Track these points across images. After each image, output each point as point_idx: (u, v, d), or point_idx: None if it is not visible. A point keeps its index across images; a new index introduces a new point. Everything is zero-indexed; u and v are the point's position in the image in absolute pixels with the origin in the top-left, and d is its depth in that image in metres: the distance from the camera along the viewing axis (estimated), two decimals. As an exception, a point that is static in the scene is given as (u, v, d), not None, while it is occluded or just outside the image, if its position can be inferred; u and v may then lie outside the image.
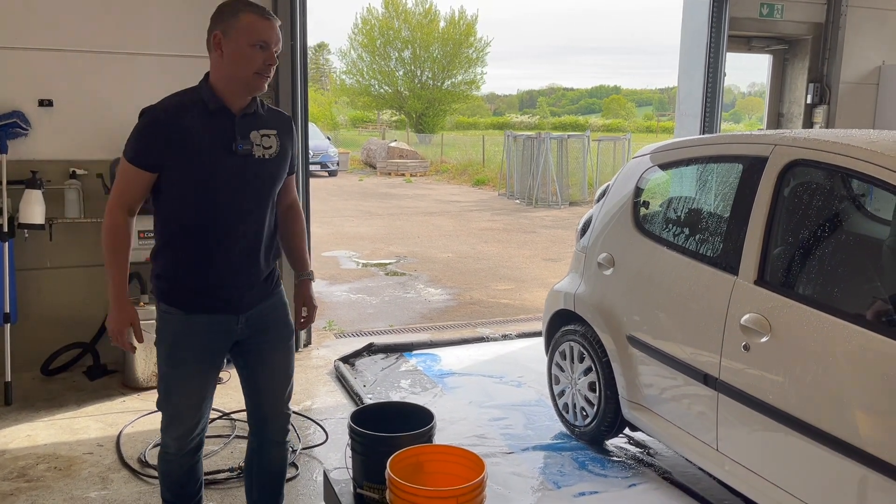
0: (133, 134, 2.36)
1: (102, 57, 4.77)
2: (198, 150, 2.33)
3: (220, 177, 2.37)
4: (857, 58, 7.07)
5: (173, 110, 2.35)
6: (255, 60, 2.32)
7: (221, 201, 2.39)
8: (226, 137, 2.37)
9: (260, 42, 2.32)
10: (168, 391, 2.57)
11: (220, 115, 2.38)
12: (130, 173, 2.36)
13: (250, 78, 2.34)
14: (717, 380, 3.01)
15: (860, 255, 2.88)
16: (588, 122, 47.05)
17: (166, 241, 2.47)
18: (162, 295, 2.50)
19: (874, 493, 2.43)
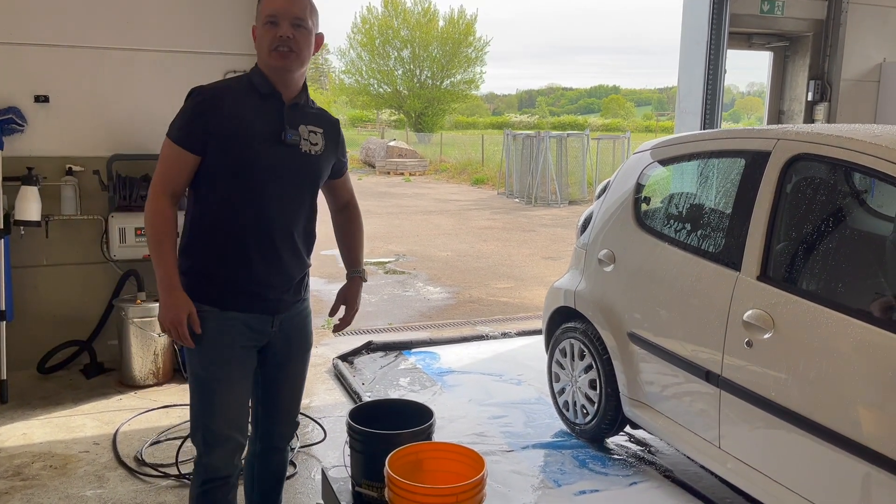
0: (180, 114, 2.27)
1: (100, 53, 4.74)
2: (246, 134, 2.25)
3: (266, 165, 2.28)
4: (858, 55, 7.04)
5: (224, 92, 2.29)
6: (268, 37, 2.27)
7: (264, 191, 2.29)
8: (275, 125, 2.30)
9: (269, 18, 2.26)
10: (211, 399, 2.36)
11: (270, 101, 2.31)
12: (175, 154, 2.25)
13: (268, 57, 2.28)
14: (720, 377, 2.98)
15: (864, 251, 2.85)
16: (587, 122, 47.06)
17: (201, 233, 2.32)
18: (193, 293, 2.30)
19: (878, 489, 2.41)
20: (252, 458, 2.71)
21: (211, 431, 2.37)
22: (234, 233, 2.30)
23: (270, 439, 2.65)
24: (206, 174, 2.28)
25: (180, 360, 4.75)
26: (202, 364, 2.35)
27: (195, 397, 2.39)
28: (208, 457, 2.40)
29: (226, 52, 4.97)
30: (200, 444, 2.41)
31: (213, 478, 2.42)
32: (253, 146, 2.26)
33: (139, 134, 4.87)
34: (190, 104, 2.27)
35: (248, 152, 2.26)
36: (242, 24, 4.98)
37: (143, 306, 4.57)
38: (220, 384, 2.35)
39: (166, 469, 3.51)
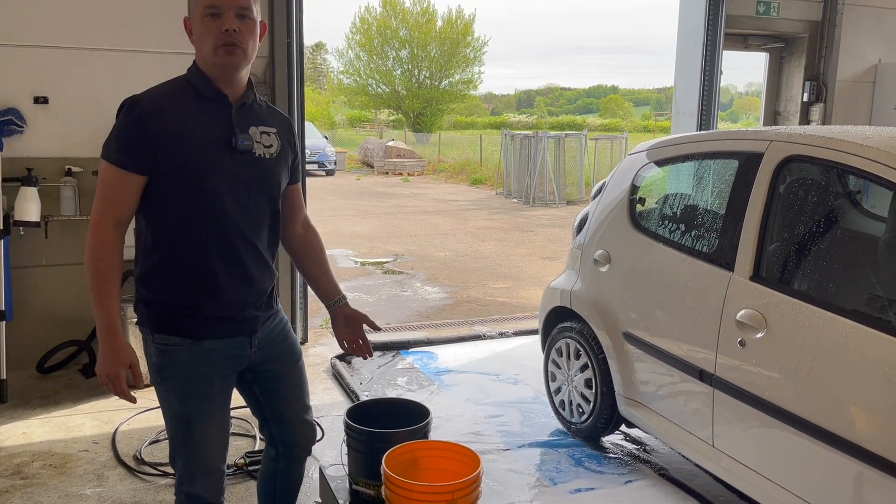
0: (116, 131, 2.02)
1: (99, 54, 4.76)
2: (194, 145, 2.02)
3: (221, 177, 2.06)
4: (854, 56, 7.08)
5: (162, 100, 2.04)
6: (209, 31, 2.02)
7: (222, 206, 2.07)
8: (224, 130, 2.07)
9: (210, 9, 2.01)
10: (192, 433, 2.16)
11: (215, 104, 2.09)
12: (116, 177, 2.00)
13: (211, 54, 2.03)
14: (713, 376, 3.01)
15: (855, 251, 2.88)
16: (585, 122, 47.09)
17: (159, 259, 2.09)
18: (158, 325, 2.11)
19: (870, 488, 2.43)
20: (273, 475, 2.55)
21: (194, 464, 2.20)
22: (195, 255, 2.08)
23: (292, 449, 2.49)
24: (154, 195, 2.05)
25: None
26: (180, 401, 2.15)
27: (174, 431, 2.19)
28: (191, 486, 2.22)
29: (224, 53, 4.99)
30: (182, 475, 2.23)
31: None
32: (203, 158, 2.04)
33: (138, 135, 4.89)
34: (127, 119, 2.02)
35: (199, 165, 2.04)
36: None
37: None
38: (202, 418, 2.17)
39: (165, 468, 3.53)
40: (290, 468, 2.55)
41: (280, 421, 2.44)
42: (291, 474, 2.58)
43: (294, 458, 2.53)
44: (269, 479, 2.57)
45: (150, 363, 2.18)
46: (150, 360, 2.19)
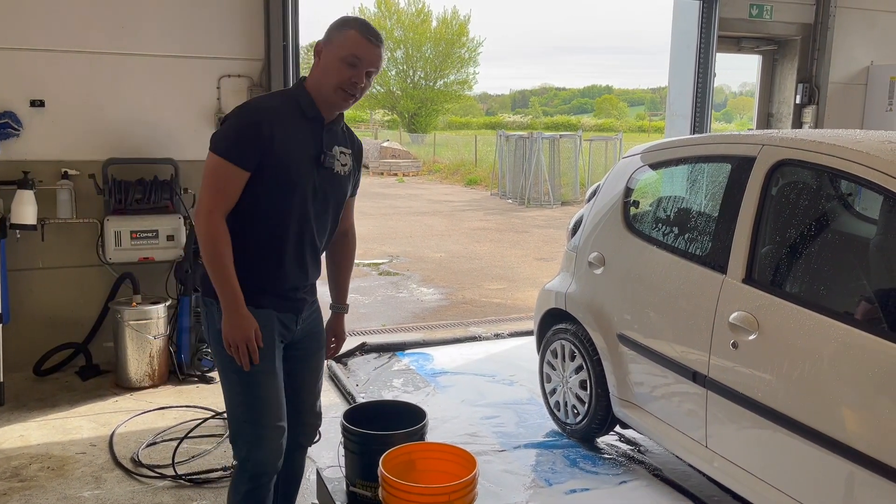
0: (229, 130, 2.27)
1: (95, 57, 4.77)
2: (292, 155, 2.30)
3: (308, 185, 2.35)
4: (846, 58, 7.12)
5: (274, 114, 2.29)
6: (341, 74, 2.29)
7: (304, 210, 2.37)
8: (315, 148, 2.37)
9: (352, 58, 2.28)
10: (257, 393, 2.36)
11: (312, 123, 2.37)
12: (228, 172, 2.24)
13: (331, 91, 2.31)
14: (706, 377, 3.04)
15: (847, 254, 2.92)
16: (580, 122, 47.14)
17: (239, 243, 2.31)
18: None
19: (861, 488, 2.47)
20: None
21: (261, 425, 2.37)
22: (273, 246, 2.36)
23: (296, 437, 2.65)
24: (249, 190, 2.30)
25: (176, 361, 4.79)
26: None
27: (239, 396, 2.38)
28: (260, 451, 2.39)
29: (220, 56, 5.02)
30: (249, 441, 2.39)
31: (261, 473, 2.42)
32: (297, 167, 2.32)
33: (134, 138, 4.91)
34: (242, 122, 2.27)
35: (293, 174, 2.31)
36: (236, 28, 5.03)
37: (139, 309, 4.61)
38: (264, 376, 2.37)
39: (163, 470, 3.55)
40: (293, 452, 2.66)
41: (296, 402, 2.59)
42: (292, 463, 2.70)
43: (297, 445, 2.67)
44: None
45: (214, 331, 2.38)
46: (213, 328, 2.39)
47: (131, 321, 4.58)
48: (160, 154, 4.93)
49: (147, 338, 4.60)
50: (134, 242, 4.70)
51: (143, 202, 4.78)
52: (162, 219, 4.77)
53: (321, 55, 2.33)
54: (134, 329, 4.58)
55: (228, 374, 2.40)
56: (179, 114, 5.00)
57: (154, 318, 4.64)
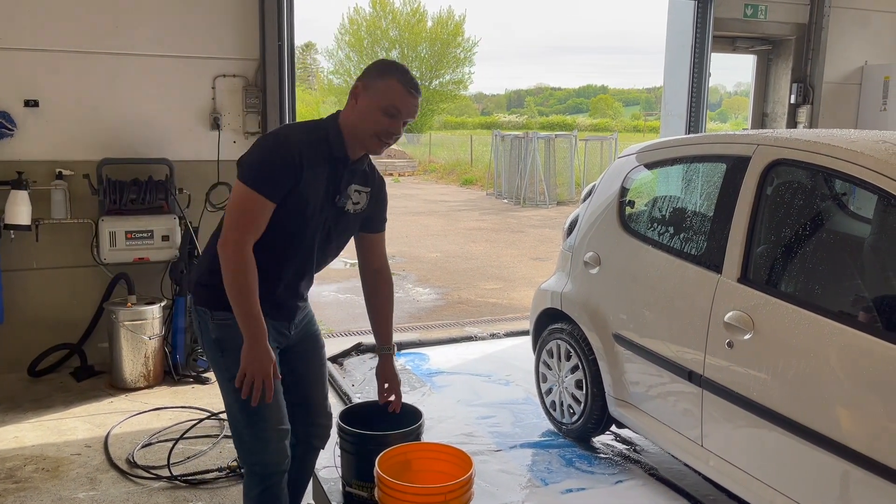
0: (263, 163, 2.26)
1: (89, 57, 4.76)
2: (313, 190, 2.33)
3: (319, 219, 2.39)
4: (840, 58, 7.14)
5: (304, 147, 2.30)
6: (379, 123, 2.31)
7: (310, 243, 2.42)
8: (334, 187, 2.40)
9: (392, 108, 2.30)
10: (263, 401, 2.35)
11: (338, 163, 2.38)
12: (259, 204, 2.24)
13: (368, 137, 2.34)
14: (702, 377, 3.04)
15: (841, 254, 2.93)
16: (576, 122, 47.19)
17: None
18: (220, 304, 2.34)
19: (856, 487, 2.48)
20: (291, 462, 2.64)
21: (262, 429, 2.39)
22: (273, 268, 2.39)
23: (309, 439, 2.70)
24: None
25: (171, 362, 4.78)
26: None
27: (237, 403, 2.37)
28: (264, 454, 2.41)
29: (215, 56, 5.01)
30: (252, 446, 2.41)
31: (272, 472, 2.44)
32: (314, 206, 2.35)
33: (129, 138, 4.90)
34: (276, 156, 2.26)
35: (308, 211, 2.35)
36: (231, 28, 5.02)
37: (134, 309, 4.60)
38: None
39: (158, 471, 3.54)
40: (305, 455, 2.71)
41: (305, 404, 2.65)
42: (305, 464, 2.74)
43: (311, 447, 2.72)
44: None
45: (208, 340, 2.42)
46: (207, 337, 2.43)
47: (126, 322, 4.56)
48: (155, 154, 4.92)
49: (142, 338, 4.59)
50: (129, 243, 4.69)
51: (138, 202, 4.76)
52: (157, 219, 4.76)
53: (359, 98, 2.33)
54: (129, 330, 4.56)
55: (225, 382, 2.41)
56: (174, 114, 4.99)
57: (149, 318, 4.63)
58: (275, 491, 2.47)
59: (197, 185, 5.00)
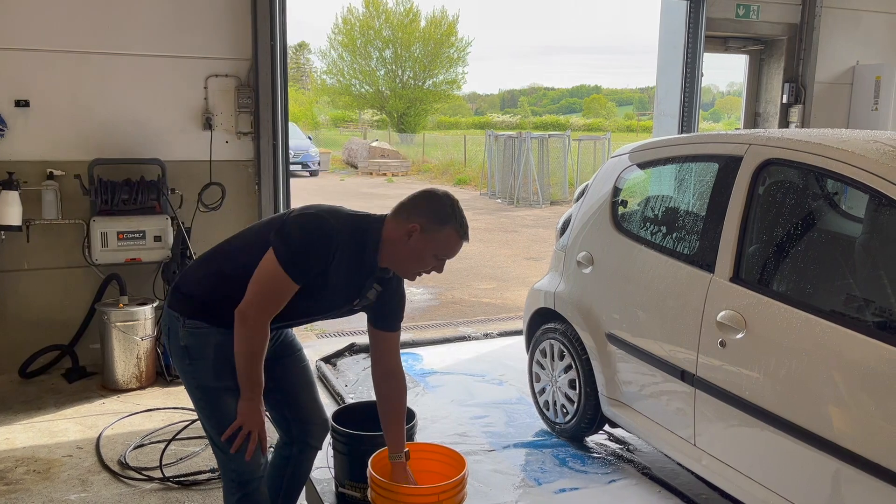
0: (301, 249, 2.26)
1: (80, 57, 4.74)
2: (337, 286, 2.35)
3: (324, 306, 2.43)
4: (832, 58, 7.17)
5: (344, 246, 2.30)
6: (426, 265, 2.37)
7: (309, 315, 2.48)
8: (356, 291, 2.43)
9: (443, 257, 2.37)
10: (220, 410, 2.37)
11: (366, 270, 2.39)
12: (287, 285, 2.26)
13: (409, 272, 2.41)
14: (695, 376, 3.05)
15: (833, 253, 2.94)
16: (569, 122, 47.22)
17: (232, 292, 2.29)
18: (194, 312, 2.37)
19: (847, 486, 2.48)
20: (286, 462, 2.72)
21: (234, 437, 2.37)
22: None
23: (306, 439, 2.69)
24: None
25: (163, 363, 4.76)
26: (215, 376, 2.37)
27: (208, 410, 2.40)
28: (240, 463, 2.39)
29: (208, 56, 5.00)
30: (226, 454, 2.39)
31: (248, 480, 2.43)
32: (329, 297, 2.38)
33: (121, 138, 4.88)
34: (317, 247, 2.27)
35: (323, 299, 2.38)
36: (223, 28, 5.00)
37: (126, 310, 4.58)
38: (229, 393, 2.36)
39: (150, 472, 3.53)
40: (301, 455, 2.70)
41: (296, 409, 2.65)
42: (302, 465, 2.73)
43: (308, 447, 2.71)
44: (279, 469, 2.71)
45: (178, 347, 2.40)
46: (175, 342, 2.40)
47: (118, 322, 4.54)
48: (147, 154, 4.91)
49: (134, 339, 4.57)
50: (121, 243, 4.67)
51: (130, 203, 4.74)
52: (149, 219, 4.74)
53: (413, 237, 2.32)
54: (121, 330, 4.55)
55: (193, 390, 2.42)
56: (166, 114, 4.97)
57: (141, 319, 4.62)
58: (254, 497, 2.46)
59: (189, 185, 4.99)
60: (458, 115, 54.18)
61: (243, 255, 2.36)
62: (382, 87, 39.18)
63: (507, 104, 73.40)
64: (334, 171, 24.85)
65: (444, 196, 2.37)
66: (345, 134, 39.80)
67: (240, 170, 5.16)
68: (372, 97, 39.89)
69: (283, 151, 5.28)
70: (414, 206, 2.36)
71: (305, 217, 2.32)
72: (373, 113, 43.95)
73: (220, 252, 2.49)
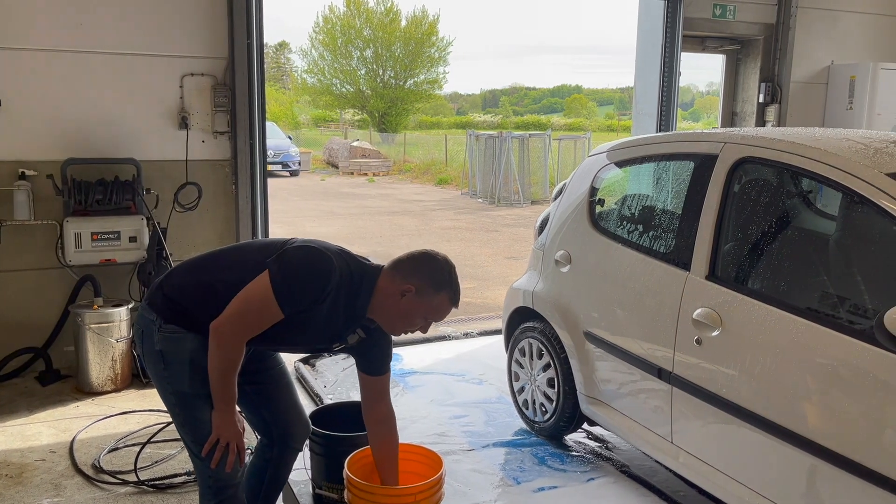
0: (295, 278, 2.23)
1: (52, 55, 4.66)
2: (322, 324, 2.33)
3: (303, 342, 2.47)
4: (807, 58, 7.24)
5: (339, 288, 2.28)
6: (413, 325, 2.38)
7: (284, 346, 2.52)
8: (338, 334, 2.42)
9: (432, 319, 2.38)
10: (194, 416, 2.36)
11: (354, 317, 2.38)
12: (273, 311, 2.23)
13: (396, 329, 2.41)
14: (671, 374, 3.06)
15: (807, 251, 2.96)
16: (550, 122, 47.37)
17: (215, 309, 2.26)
18: (172, 317, 2.34)
19: (822, 481, 2.50)
20: (266, 464, 2.71)
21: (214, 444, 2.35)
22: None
23: (286, 440, 2.69)
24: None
25: (139, 365, 4.70)
26: (189, 381, 2.34)
27: (183, 416, 2.38)
28: (216, 468, 2.35)
29: (183, 54, 4.94)
30: (202, 460, 2.36)
31: (225, 486, 2.41)
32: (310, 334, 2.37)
33: (95, 137, 4.81)
34: (311, 280, 2.24)
35: (302, 335, 2.37)
36: (199, 26, 4.95)
37: (100, 312, 4.52)
38: (203, 400, 2.34)
39: (125, 476, 3.48)
40: (282, 457, 2.70)
41: (275, 411, 2.64)
42: (282, 467, 2.72)
43: (288, 448, 2.69)
44: (259, 471, 2.70)
45: (153, 352, 2.37)
46: (150, 346, 2.37)
47: (92, 324, 4.48)
48: (121, 154, 4.84)
49: (109, 341, 4.51)
50: (95, 244, 4.61)
51: (105, 203, 4.68)
52: (124, 220, 4.68)
53: (406, 296, 2.31)
54: (95, 332, 4.48)
55: (168, 396, 2.40)
56: (141, 113, 4.91)
57: (116, 321, 4.56)
58: (231, 503, 2.44)
59: (165, 185, 4.93)
60: (440, 115, 54.17)
61: (232, 272, 2.33)
62: (363, 87, 39.08)
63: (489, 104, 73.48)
64: (315, 171, 24.74)
65: (443, 262, 2.38)
66: (326, 134, 39.66)
67: (216, 169, 5.11)
68: (353, 97, 39.77)
69: (261, 151, 5.24)
70: (412, 267, 2.35)
71: (310, 250, 2.30)
72: (354, 112, 43.82)
73: (211, 262, 2.46)
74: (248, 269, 2.28)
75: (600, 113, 61.36)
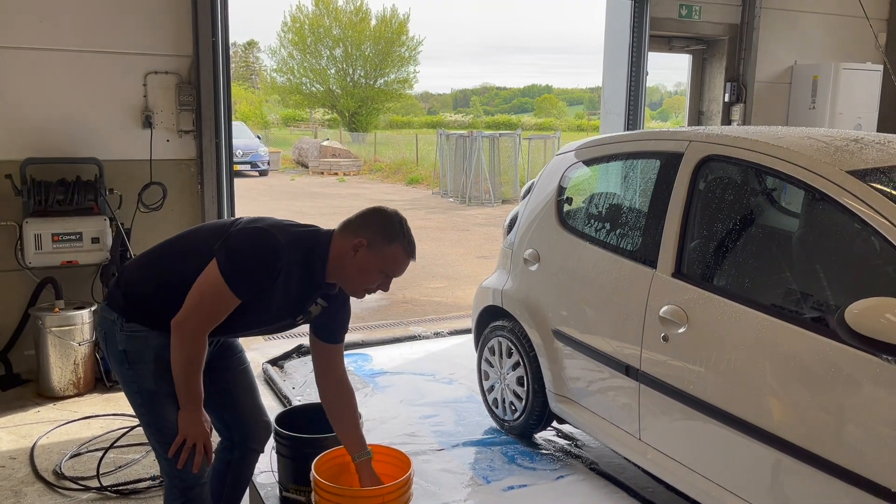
0: (242, 261, 2.22)
1: (10, 52, 4.55)
2: (281, 302, 2.32)
3: (267, 319, 2.41)
4: (771, 58, 7.35)
5: (292, 265, 2.27)
6: (372, 280, 2.35)
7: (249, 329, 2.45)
8: (301, 307, 2.40)
9: (388, 273, 2.35)
10: (160, 415, 2.33)
11: (313, 286, 2.36)
12: (228, 299, 2.21)
13: (356, 288, 2.38)
14: (639, 371, 3.08)
15: (771, 247, 2.99)
16: (521, 121, 47.58)
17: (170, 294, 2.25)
18: (134, 315, 2.32)
19: (787, 475, 2.53)
20: (227, 466, 2.69)
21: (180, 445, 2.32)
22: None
23: (246, 442, 2.68)
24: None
25: (102, 369, 4.61)
26: (155, 379, 2.32)
27: (149, 416, 2.36)
28: (183, 468, 2.32)
29: (146, 52, 4.85)
30: (168, 460, 2.33)
31: (191, 486, 2.39)
32: (275, 312, 2.36)
33: (55, 137, 4.71)
34: (258, 259, 2.23)
35: (265, 314, 2.35)
36: (163, 23, 4.87)
37: (62, 315, 4.42)
38: (169, 398, 2.31)
39: (87, 482, 3.41)
40: (243, 459, 2.68)
41: (237, 411, 2.63)
42: (244, 469, 2.71)
43: (248, 450, 2.68)
44: (220, 474, 2.67)
45: (116, 352, 2.34)
46: (115, 349, 2.34)
47: (54, 328, 4.38)
48: (83, 153, 4.74)
49: (71, 345, 4.42)
50: (56, 245, 4.51)
51: (66, 203, 4.58)
52: (86, 221, 4.59)
53: (359, 252, 2.29)
54: (57, 336, 4.39)
55: (133, 395, 2.37)
56: (103, 112, 4.81)
57: (78, 323, 4.46)
58: (196, 503, 2.42)
59: (129, 185, 4.84)
60: (411, 115, 54.11)
61: (185, 262, 2.29)
62: (333, 86, 38.86)
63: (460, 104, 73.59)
64: (284, 171, 24.53)
65: (392, 213, 2.36)
66: (295, 133, 39.36)
67: (181, 169, 5.03)
68: (323, 96, 39.54)
69: (227, 150, 5.17)
70: (361, 222, 2.33)
71: (252, 231, 2.27)
72: (324, 112, 43.59)
73: (163, 254, 2.42)
74: (199, 257, 2.25)
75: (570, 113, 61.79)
